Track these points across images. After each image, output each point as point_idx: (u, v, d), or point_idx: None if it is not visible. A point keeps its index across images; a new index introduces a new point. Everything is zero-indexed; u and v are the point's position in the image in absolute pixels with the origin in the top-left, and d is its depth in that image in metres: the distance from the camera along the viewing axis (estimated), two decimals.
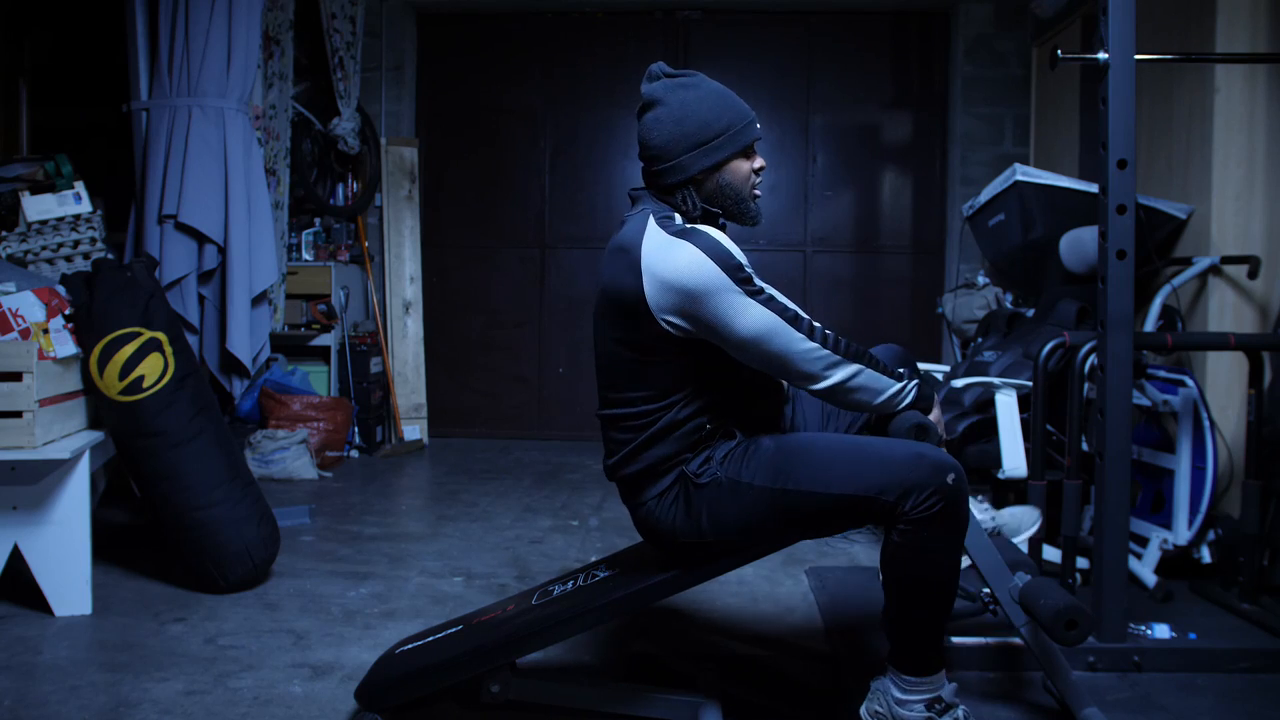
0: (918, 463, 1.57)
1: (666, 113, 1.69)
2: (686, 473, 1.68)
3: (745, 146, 1.72)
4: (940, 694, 1.68)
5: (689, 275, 1.56)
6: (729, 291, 1.55)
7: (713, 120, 1.68)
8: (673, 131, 1.68)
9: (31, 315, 2.47)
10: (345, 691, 1.96)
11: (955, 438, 2.71)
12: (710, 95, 1.69)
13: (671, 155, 1.68)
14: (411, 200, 5.13)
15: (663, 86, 1.71)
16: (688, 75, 1.71)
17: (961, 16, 4.95)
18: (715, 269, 1.55)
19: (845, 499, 1.58)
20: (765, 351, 1.59)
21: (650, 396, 1.67)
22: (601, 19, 5.28)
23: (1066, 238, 3.09)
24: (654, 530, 1.74)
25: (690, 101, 1.68)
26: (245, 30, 3.28)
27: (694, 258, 1.56)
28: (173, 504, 2.55)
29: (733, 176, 1.71)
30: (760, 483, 1.63)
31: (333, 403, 4.40)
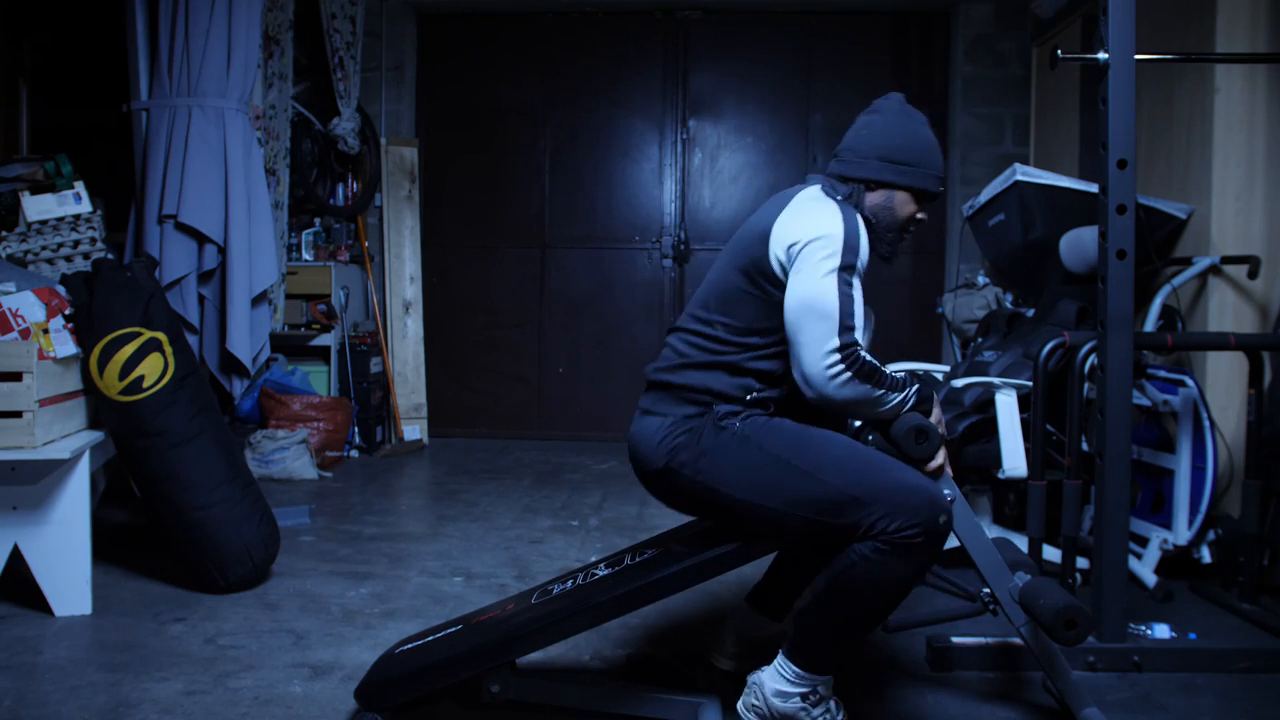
0: (918, 493, 1.62)
1: (881, 122, 1.82)
2: (714, 412, 1.73)
3: (921, 191, 1.81)
4: (819, 686, 1.72)
5: (815, 225, 1.66)
6: (827, 256, 1.63)
7: (913, 152, 1.79)
8: (876, 137, 1.80)
9: (31, 315, 2.47)
10: (345, 691, 1.96)
11: (955, 438, 2.71)
12: (921, 136, 1.81)
13: (863, 154, 1.80)
14: (411, 200, 5.13)
15: (891, 104, 1.85)
16: (917, 112, 1.84)
17: (961, 16, 4.95)
18: (839, 236, 1.64)
19: (838, 495, 1.62)
20: (795, 324, 1.65)
21: (734, 328, 1.75)
22: (601, 19, 5.28)
23: (1066, 238, 3.08)
24: (646, 444, 1.78)
25: (905, 127, 1.81)
26: (245, 30, 3.28)
27: (832, 218, 1.67)
28: (173, 504, 2.55)
29: (897, 206, 1.81)
30: (770, 449, 1.68)
31: (333, 403, 4.40)
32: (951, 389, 2.99)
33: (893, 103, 1.85)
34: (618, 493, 3.95)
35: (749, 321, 1.75)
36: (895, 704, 1.94)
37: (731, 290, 1.77)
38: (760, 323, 1.74)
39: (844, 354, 1.63)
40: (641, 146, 5.31)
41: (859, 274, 1.68)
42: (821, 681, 1.73)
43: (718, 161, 5.27)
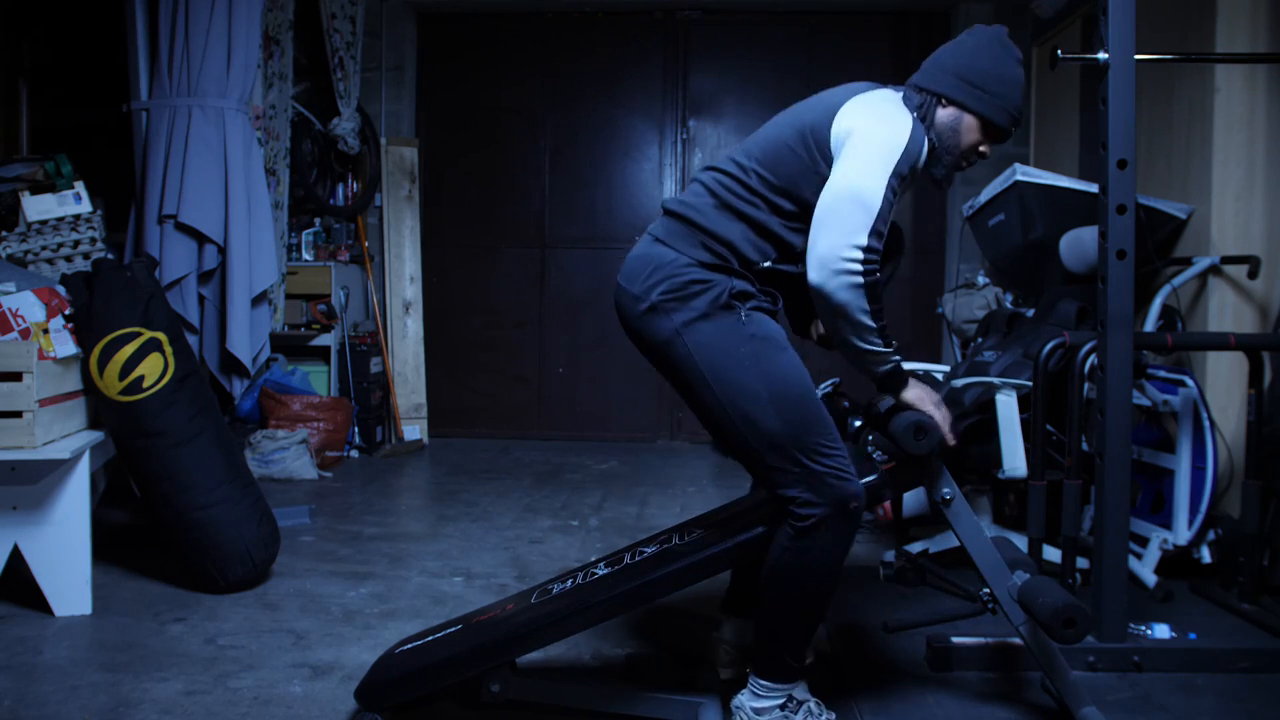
0: (836, 477, 1.62)
1: (972, 43, 1.75)
2: (728, 284, 1.68)
3: (992, 122, 1.73)
4: (792, 693, 1.72)
5: (884, 123, 1.63)
6: (887, 156, 1.59)
7: (992, 79, 1.71)
8: (962, 56, 1.74)
9: (31, 315, 2.47)
10: (345, 691, 1.96)
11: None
12: (1007, 67, 1.73)
13: (944, 67, 1.74)
14: (411, 200, 5.13)
15: (989, 30, 1.76)
16: (1015, 49, 1.75)
17: (961, 16, 4.95)
18: (903, 143, 1.61)
19: (775, 436, 1.62)
20: (831, 205, 1.59)
21: (770, 183, 1.70)
22: (601, 19, 5.28)
23: (1066, 238, 3.08)
24: (642, 271, 1.71)
25: (993, 53, 1.73)
26: (245, 30, 3.28)
27: (902, 124, 1.63)
28: (173, 504, 2.55)
29: (964, 130, 1.74)
30: (754, 355, 1.64)
31: (333, 403, 4.40)
32: (951, 389, 2.99)
33: (991, 30, 1.77)
34: (618, 493, 3.95)
35: (787, 181, 1.69)
36: (895, 704, 1.94)
37: (780, 145, 1.71)
38: (798, 188, 1.68)
39: (866, 254, 1.56)
40: (641, 146, 5.31)
41: (905, 186, 1.64)
42: (793, 688, 1.73)
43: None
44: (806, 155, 1.69)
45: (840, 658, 2.20)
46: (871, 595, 2.61)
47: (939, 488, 1.76)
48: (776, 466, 1.63)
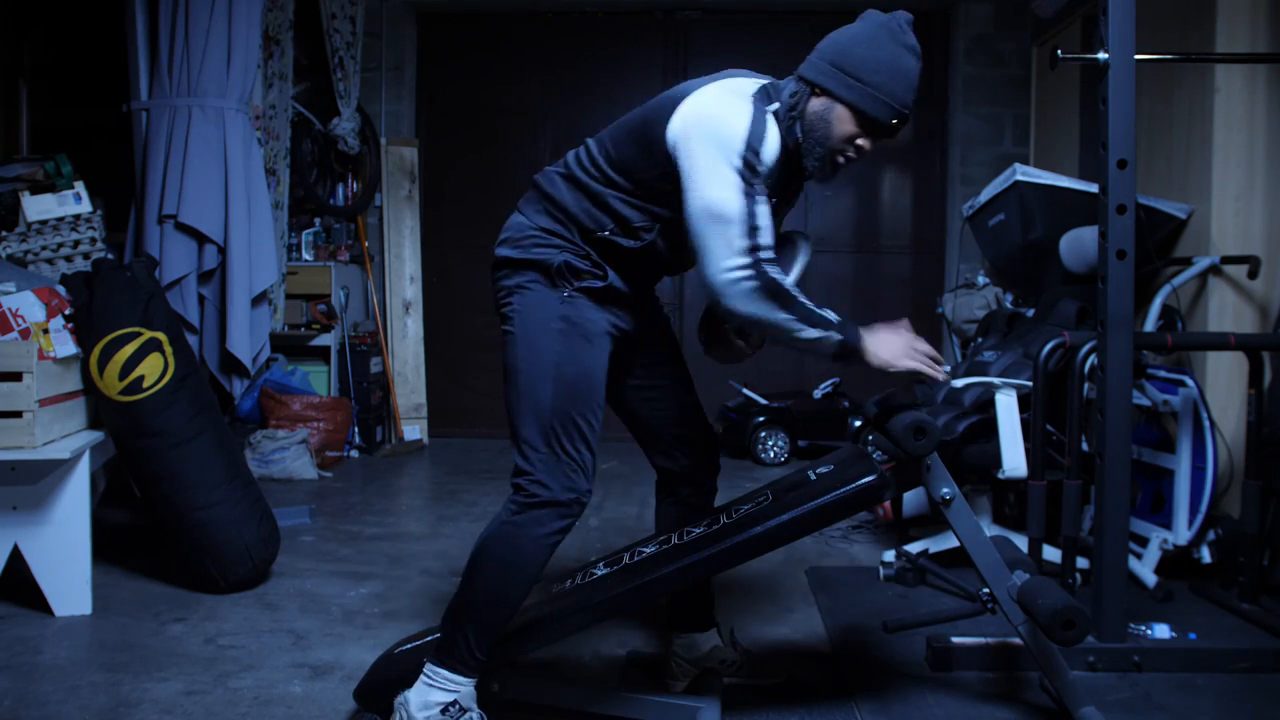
0: (580, 469, 1.65)
1: (856, 29, 1.66)
2: (559, 259, 1.70)
3: (866, 114, 1.62)
4: (459, 697, 1.68)
5: (706, 121, 1.58)
6: (716, 159, 1.56)
7: (869, 67, 1.61)
8: (844, 44, 1.65)
9: (31, 315, 2.47)
10: (345, 691, 1.96)
11: (955, 438, 2.71)
12: (889, 54, 1.61)
13: (825, 55, 1.66)
14: (411, 200, 5.13)
15: (880, 20, 1.65)
16: (908, 37, 1.63)
17: (961, 16, 4.95)
18: (731, 134, 1.56)
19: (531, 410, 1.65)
20: (697, 230, 1.58)
21: (610, 159, 1.70)
22: (601, 19, 5.28)
23: (1066, 238, 3.09)
24: (502, 234, 1.78)
25: (878, 44, 1.62)
26: (245, 30, 3.28)
27: (731, 114, 1.58)
28: (173, 504, 2.55)
29: (835, 121, 1.64)
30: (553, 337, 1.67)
31: (333, 403, 4.40)
32: (951, 389, 2.99)
33: (884, 16, 1.65)
34: (618, 493, 3.95)
35: (625, 162, 1.68)
36: (895, 704, 1.94)
37: (627, 129, 1.70)
38: (635, 170, 1.67)
39: (749, 260, 1.55)
40: None
41: (761, 179, 1.59)
42: (461, 686, 1.67)
43: None
44: (644, 145, 1.67)
45: (840, 657, 2.20)
46: (871, 595, 2.61)
47: (939, 488, 1.76)
48: (527, 440, 1.66)
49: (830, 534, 3.21)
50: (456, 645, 1.68)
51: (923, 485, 1.77)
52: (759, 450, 4.57)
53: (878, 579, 2.72)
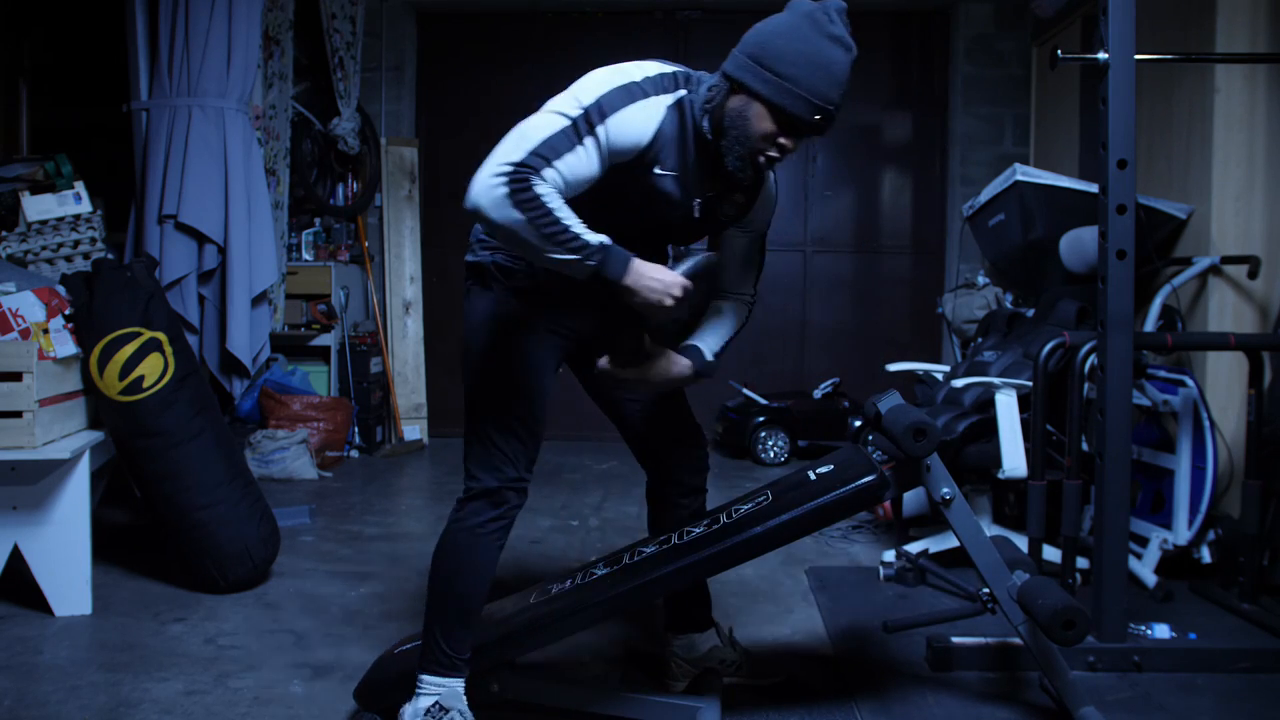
0: (509, 460, 1.67)
1: (776, 23, 1.54)
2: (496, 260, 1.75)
3: (787, 113, 1.52)
4: (441, 697, 1.69)
5: (589, 76, 1.55)
6: (566, 97, 1.53)
7: (792, 63, 1.49)
8: (761, 37, 1.54)
9: (31, 315, 2.47)
10: (345, 691, 1.96)
11: (955, 438, 2.72)
12: (816, 53, 1.49)
13: (744, 49, 1.55)
14: (411, 200, 5.13)
15: (806, 9, 1.52)
16: (833, 26, 1.51)
17: (961, 16, 4.95)
18: (597, 86, 1.52)
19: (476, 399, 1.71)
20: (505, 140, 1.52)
21: None
22: (601, 19, 5.28)
23: (1066, 238, 3.08)
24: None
25: (800, 35, 1.50)
26: (245, 30, 3.28)
27: (614, 76, 1.54)
28: (173, 504, 2.55)
29: (754, 118, 1.54)
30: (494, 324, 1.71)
31: (333, 403, 4.40)
32: (951, 389, 2.99)
33: (806, 4, 1.53)
34: (618, 493, 3.95)
35: None
36: (895, 704, 1.94)
37: None
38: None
39: (515, 171, 1.46)
40: None
41: (600, 139, 1.50)
42: (444, 688, 1.69)
43: None
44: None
45: (840, 656, 2.20)
46: (871, 595, 2.61)
47: (939, 488, 1.76)
48: (469, 433, 1.72)
49: (830, 534, 3.21)
50: (431, 648, 1.71)
51: (923, 485, 1.77)
52: (759, 450, 4.58)
53: (878, 579, 2.72)
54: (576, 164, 1.50)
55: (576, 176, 1.51)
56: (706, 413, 5.17)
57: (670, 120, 1.56)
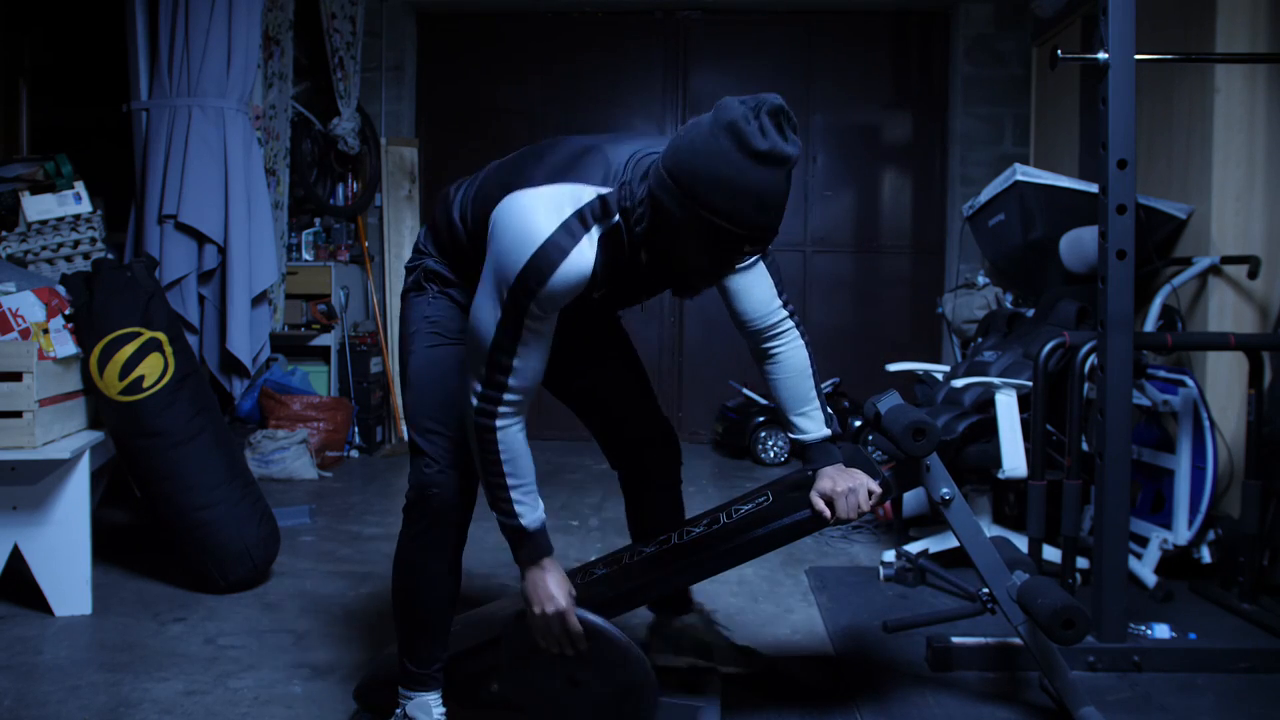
0: (435, 460, 1.60)
1: (695, 137, 1.34)
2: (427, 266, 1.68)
3: (718, 245, 1.36)
4: (407, 708, 1.71)
5: (502, 238, 1.40)
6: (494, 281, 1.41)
7: (714, 191, 1.31)
8: (682, 155, 1.34)
9: (31, 315, 2.47)
10: (345, 691, 1.96)
11: (955, 438, 2.71)
12: (737, 178, 1.30)
13: (668, 162, 1.36)
14: (411, 200, 5.13)
15: (728, 119, 1.31)
16: (757, 141, 1.30)
17: (961, 16, 4.95)
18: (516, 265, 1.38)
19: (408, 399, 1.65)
20: (468, 347, 1.50)
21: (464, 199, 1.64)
22: (601, 19, 5.28)
23: (1066, 238, 3.08)
24: None
25: (720, 157, 1.30)
26: (245, 30, 3.28)
27: (529, 238, 1.37)
28: (173, 504, 2.55)
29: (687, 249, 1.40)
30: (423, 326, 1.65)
31: (333, 403, 4.40)
32: (951, 389, 2.99)
33: (730, 111, 1.34)
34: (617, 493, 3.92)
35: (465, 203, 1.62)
36: (895, 704, 1.94)
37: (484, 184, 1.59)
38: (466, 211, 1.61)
39: (481, 401, 1.46)
40: None
41: (540, 315, 1.41)
42: (407, 699, 1.71)
43: None
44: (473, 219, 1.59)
45: (840, 657, 2.20)
46: (871, 595, 2.61)
47: (939, 488, 1.76)
48: (409, 437, 1.66)
49: (830, 534, 3.21)
50: (400, 665, 1.73)
51: (923, 485, 1.77)
52: (759, 450, 4.58)
53: (878, 579, 2.72)
54: (528, 352, 1.45)
55: (534, 359, 1.47)
56: (706, 413, 5.17)
57: (601, 255, 1.43)
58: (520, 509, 1.54)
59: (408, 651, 1.71)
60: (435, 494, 1.60)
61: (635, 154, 1.46)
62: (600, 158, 1.46)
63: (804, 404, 1.72)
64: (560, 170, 1.45)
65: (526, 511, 1.55)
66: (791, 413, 1.73)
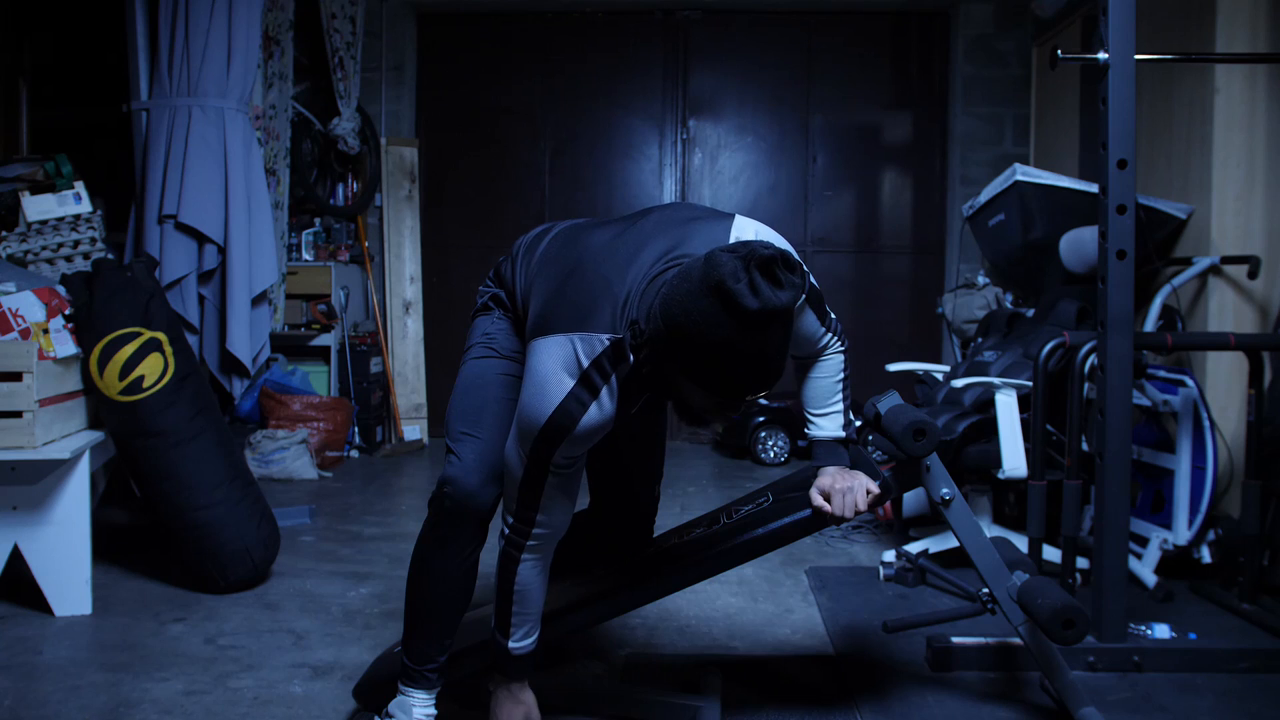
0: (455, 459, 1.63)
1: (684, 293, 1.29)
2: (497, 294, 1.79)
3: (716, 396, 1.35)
4: (388, 707, 1.72)
5: (527, 390, 1.47)
6: (522, 430, 1.48)
7: (704, 353, 1.29)
8: (672, 311, 1.30)
9: (31, 315, 2.47)
10: (345, 691, 1.96)
11: (955, 438, 2.72)
12: (725, 345, 1.27)
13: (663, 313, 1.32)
14: (411, 200, 5.13)
15: (716, 279, 1.25)
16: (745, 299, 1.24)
17: (961, 16, 4.95)
18: (537, 423, 1.45)
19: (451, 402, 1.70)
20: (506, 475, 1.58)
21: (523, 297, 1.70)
22: (601, 19, 5.28)
23: (1066, 238, 3.09)
24: None
25: (708, 321, 1.26)
26: (245, 30, 3.28)
27: (546, 399, 1.43)
28: (173, 504, 2.55)
29: (689, 394, 1.39)
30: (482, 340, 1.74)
31: (333, 403, 4.40)
32: (951, 389, 2.99)
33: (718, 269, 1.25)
34: None
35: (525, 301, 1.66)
36: (895, 704, 1.94)
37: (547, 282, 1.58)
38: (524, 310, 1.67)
39: (512, 531, 1.57)
40: (641, 146, 5.31)
41: (563, 464, 1.49)
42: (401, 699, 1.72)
43: (718, 161, 5.27)
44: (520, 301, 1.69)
45: (840, 656, 2.20)
46: (871, 595, 2.61)
47: (939, 488, 1.76)
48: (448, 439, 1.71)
49: (830, 534, 3.21)
50: (400, 657, 1.74)
51: (922, 485, 1.77)
52: (759, 450, 4.58)
53: (878, 579, 2.72)
54: (553, 499, 1.53)
55: (561, 505, 1.56)
56: None
57: (621, 394, 1.48)
58: (514, 632, 1.63)
59: (407, 646, 1.72)
60: (454, 491, 1.63)
61: (641, 280, 1.46)
62: (609, 298, 1.46)
63: (826, 405, 1.75)
64: (578, 318, 1.47)
65: (519, 637, 1.64)
66: (811, 410, 1.75)
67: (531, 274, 1.66)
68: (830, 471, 1.70)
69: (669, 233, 1.52)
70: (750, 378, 1.31)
